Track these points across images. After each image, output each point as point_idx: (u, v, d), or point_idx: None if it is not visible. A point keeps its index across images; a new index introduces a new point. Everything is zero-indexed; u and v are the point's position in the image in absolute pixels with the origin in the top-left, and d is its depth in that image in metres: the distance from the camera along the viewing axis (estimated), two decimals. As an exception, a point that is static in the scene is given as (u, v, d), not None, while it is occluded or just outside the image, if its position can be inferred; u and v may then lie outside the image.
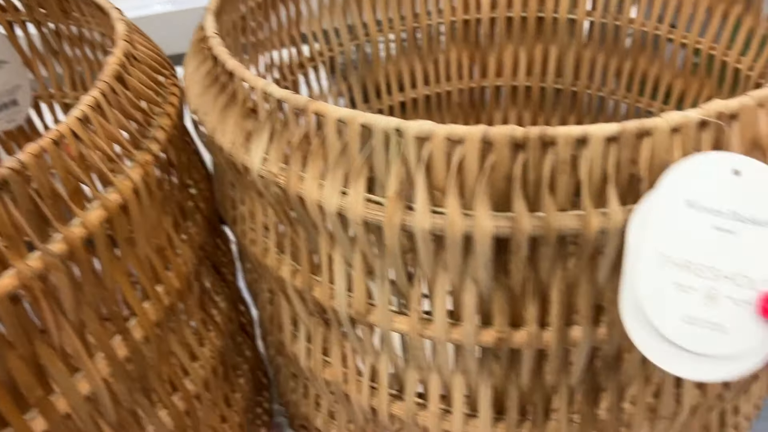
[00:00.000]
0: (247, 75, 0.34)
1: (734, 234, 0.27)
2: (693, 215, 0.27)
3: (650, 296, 0.28)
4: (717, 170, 0.27)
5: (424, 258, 0.32)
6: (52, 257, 0.30)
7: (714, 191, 0.27)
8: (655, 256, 0.28)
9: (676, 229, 0.28)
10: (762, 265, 0.27)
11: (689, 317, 0.28)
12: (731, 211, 0.27)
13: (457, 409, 0.38)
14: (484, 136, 0.28)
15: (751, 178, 0.27)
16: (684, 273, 0.28)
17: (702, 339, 0.28)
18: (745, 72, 0.53)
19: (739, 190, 0.27)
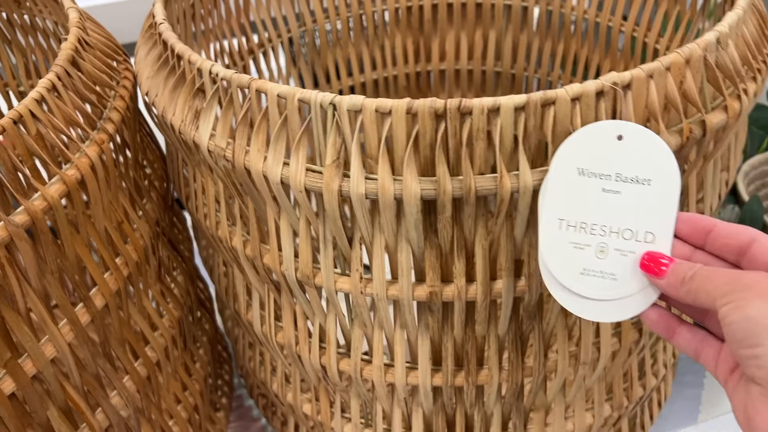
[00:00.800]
0: (194, 57, 0.37)
1: (619, 193, 0.32)
2: (584, 181, 0.32)
3: (552, 255, 0.32)
4: (603, 138, 0.31)
5: (361, 221, 0.35)
6: (16, 227, 0.32)
7: (600, 157, 0.31)
8: (554, 220, 0.32)
9: (570, 195, 0.32)
10: (642, 219, 0.32)
11: (585, 269, 0.32)
12: (616, 173, 0.31)
13: (399, 362, 0.41)
14: (409, 107, 0.32)
15: (632, 141, 0.31)
16: (579, 233, 0.32)
17: (597, 287, 0.32)
18: (663, 51, 0.57)
19: (621, 154, 0.31)
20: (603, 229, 0.32)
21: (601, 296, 0.32)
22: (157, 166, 0.48)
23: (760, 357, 0.27)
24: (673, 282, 0.30)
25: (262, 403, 0.59)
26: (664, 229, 0.32)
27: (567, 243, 0.32)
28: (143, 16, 0.61)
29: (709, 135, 0.35)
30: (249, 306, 0.47)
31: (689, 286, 0.30)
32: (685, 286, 0.30)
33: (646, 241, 0.32)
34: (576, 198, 0.32)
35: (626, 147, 0.31)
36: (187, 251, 0.52)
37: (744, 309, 0.27)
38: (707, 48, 0.34)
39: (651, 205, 0.31)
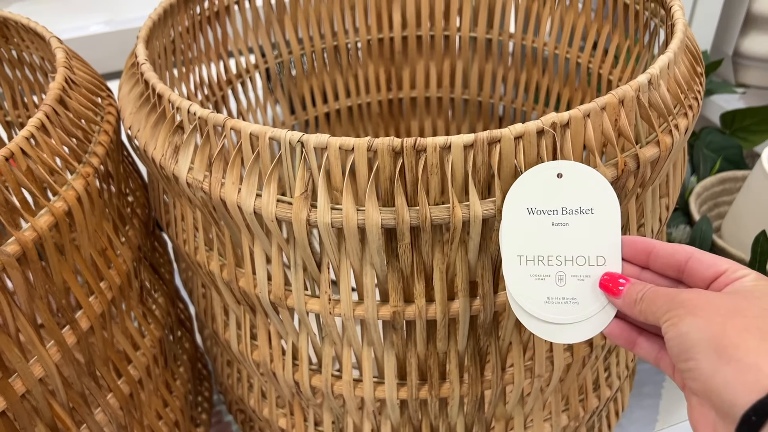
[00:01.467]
0: (174, 96, 0.40)
1: (568, 225, 0.35)
2: (534, 219, 0.35)
3: (517, 288, 0.35)
4: (545, 177, 0.35)
5: (328, 247, 0.38)
6: (8, 257, 0.35)
7: (545, 195, 0.35)
8: (513, 257, 0.35)
9: (524, 233, 0.35)
10: (592, 245, 0.35)
11: (548, 298, 0.35)
12: (561, 207, 0.35)
13: (367, 377, 0.44)
14: (369, 145, 0.35)
15: (571, 177, 0.35)
16: (537, 266, 0.35)
17: (561, 312, 0.35)
18: (616, 82, 0.62)
19: (564, 189, 0.35)
20: (558, 259, 0.35)
21: (566, 320, 0.35)
22: (139, 194, 0.51)
23: (693, 370, 0.29)
24: (627, 302, 0.33)
25: (240, 419, 0.61)
26: (612, 251, 0.35)
27: (528, 276, 0.35)
28: (126, 46, 0.64)
29: (643, 167, 0.38)
30: (226, 326, 0.49)
31: (640, 307, 0.32)
32: (637, 306, 0.33)
33: (599, 264, 0.35)
34: (529, 235, 0.35)
35: (567, 182, 0.35)
36: (167, 274, 0.55)
37: (678, 326, 0.30)
38: (640, 89, 0.38)
39: (597, 231, 0.35)
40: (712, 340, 0.28)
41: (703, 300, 0.30)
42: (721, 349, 0.28)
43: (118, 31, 0.81)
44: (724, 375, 0.28)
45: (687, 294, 0.31)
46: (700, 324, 0.29)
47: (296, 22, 0.70)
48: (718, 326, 0.29)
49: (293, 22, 0.69)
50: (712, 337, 0.29)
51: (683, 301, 0.31)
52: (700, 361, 0.29)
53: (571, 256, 0.35)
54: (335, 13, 0.71)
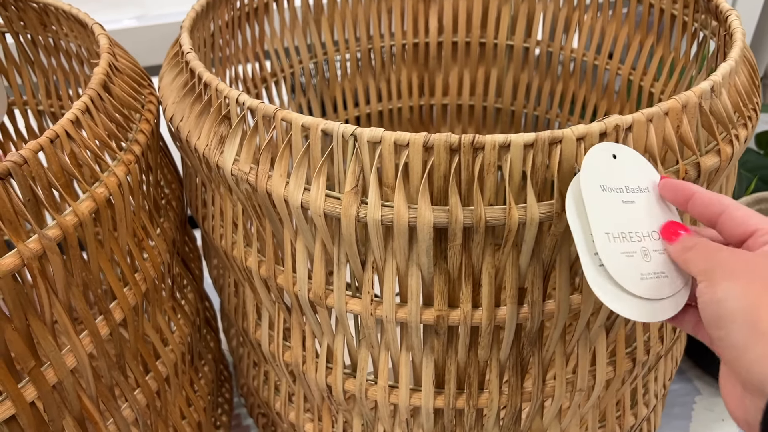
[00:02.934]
0: (222, 86, 0.39)
1: (634, 203, 0.34)
2: (607, 196, 0.33)
3: (613, 266, 0.33)
4: (603, 157, 0.33)
5: (375, 246, 0.37)
6: (49, 241, 0.34)
7: (610, 174, 0.34)
8: (602, 235, 0.33)
9: (604, 210, 0.33)
10: (658, 219, 0.34)
11: (642, 274, 0.33)
12: (624, 185, 0.34)
13: (403, 383, 0.43)
14: (425, 141, 0.34)
15: (623, 158, 0.34)
16: (624, 243, 0.33)
17: (656, 287, 0.33)
18: (658, 95, 0.60)
19: (621, 169, 0.34)
20: (638, 235, 0.34)
21: (660, 295, 0.33)
22: (174, 186, 0.50)
23: (724, 339, 0.28)
24: (678, 249, 0.32)
25: (262, 423, 0.60)
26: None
27: (620, 254, 0.33)
28: (156, 41, 0.63)
29: (703, 176, 0.37)
30: (258, 325, 0.48)
31: (686, 256, 0.31)
32: (684, 254, 0.32)
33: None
34: (609, 212, 0.33)
35: (621, 163, 0.34)
36: (197, 269, 0.54)
37: (714, 290, 0.28)
38: (702, 95, 0.37)
39: (660, 207, 0.34)
40: (748, 311, 0.27)
41: (741, 263, 0.29)
42: (756, 322, 0.26)
43: (148, 26, 0.80)
44: (756, 350, 0.26)
45: (726, 253, 0.30)
46: (737, 291, 0.28)
47: (333, 23, 0.69)
48: (755, 296, 0.27)
49: (330, 23, 0.69)
50: (748, 308, 0.27)
51: (721, 260, 0.29)
52: (732, 331, 0.27)
53: (647, 231, 0.34)
54: (372, 16, 0.70)
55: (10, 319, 0.34)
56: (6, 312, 0.34)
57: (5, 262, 0.32)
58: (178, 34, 0.48)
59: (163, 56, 0.80)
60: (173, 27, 0.81)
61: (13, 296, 0.33)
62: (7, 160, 0.33)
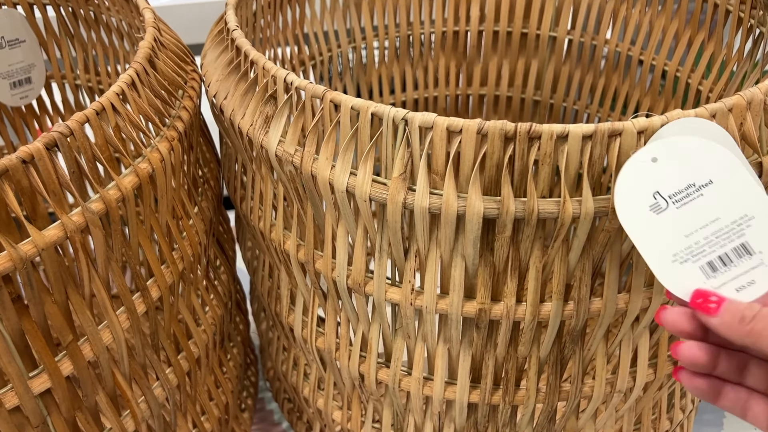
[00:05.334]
0: (269, 65, 0.38)
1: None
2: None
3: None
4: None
5: (420, 234, 0.36)
6: (92, 214, 0.33)
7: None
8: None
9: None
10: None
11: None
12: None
13: (438, 376, 0.42)
14: (480, 128, 0.33)
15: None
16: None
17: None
18: (706, 93, 0.59)
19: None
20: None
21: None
22: (213, 166, 0.49)
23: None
24: (728, 321, 0.29)
25: (287, 408, 0.59)
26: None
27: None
28: (189, 19, 0.62)
29: (765, 177, 0.36)
30: (291, 310, 0.47)
31: (752, 327, 0.28)
32: (746, 326, 0.29)
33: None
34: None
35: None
36: (230, 251, 0.54)
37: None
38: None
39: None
40: None
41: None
42: None
43: (186, 4, 0.80)
44: None
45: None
46: None
47: (373, 8, 0.68)
48: None
49: (370, 8, 0.68)
50: None
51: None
52: None
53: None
54: (413, 2, 0.69)
55: (50, 291, 0.34)
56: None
57: (49, 234, 0.32)
58: (222, 12, 0.47)
59: (199, 35, 0.79)
60: (210, 6, 0.80)
61: (55, 269, 0.33)
62: (54, 131, 0.33)
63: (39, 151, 0.32)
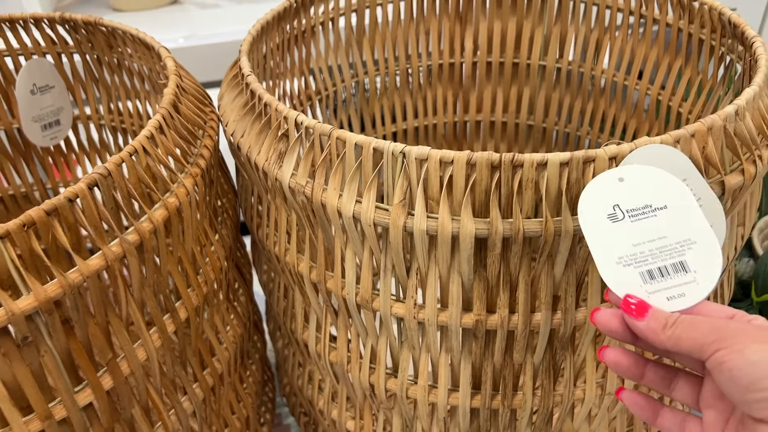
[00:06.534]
0: (281, 107, 0.43)
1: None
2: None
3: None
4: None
5: (420, 254, 0.40)
6: (129, 245, 0.38)
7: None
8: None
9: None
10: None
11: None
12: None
13: (442, 383, 0.46)
14: (468, 158, 0.37)
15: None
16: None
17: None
18: (686, 115, 0.63)
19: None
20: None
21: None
22: (230, 196, 0.54)
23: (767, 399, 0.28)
24: (653, 326, 0.32)
25: (303, 421, 0.63)
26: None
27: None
28: (199, 60, 0.67)
29: (728, 194, 0.40)
30: (305, 327, 0.52)
31: (672, 332, 0.32)
32: (667, 331, 0.32)
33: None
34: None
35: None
36: (248, 274, 0.58)
37: (744, 354, 0.29)
38: (727, 119, 0.40)
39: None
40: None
41: (752, 329, 0.30)
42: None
43: (197, 45, 0.85)
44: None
45: (737, 324, 0.31)
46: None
47: (373, 44, 0.73)
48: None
49: (371, 44, 0.73)
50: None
51: (738, 330, 0.30)
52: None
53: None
54: (410, 37, 0.74)
55: (93, 314, 0.38)
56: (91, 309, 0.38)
57: (93, 263, 0.36)
58: (236, 58, 0.52)
59: (210, 73, 0.84)
60: (220, 47, 0.85)
61: (98, 294, 0.37)
62: (94, 172, 0.37)
63: (82, 191, 0.36)
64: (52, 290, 0.34)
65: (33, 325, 0.35)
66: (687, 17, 0.60)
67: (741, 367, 0.29)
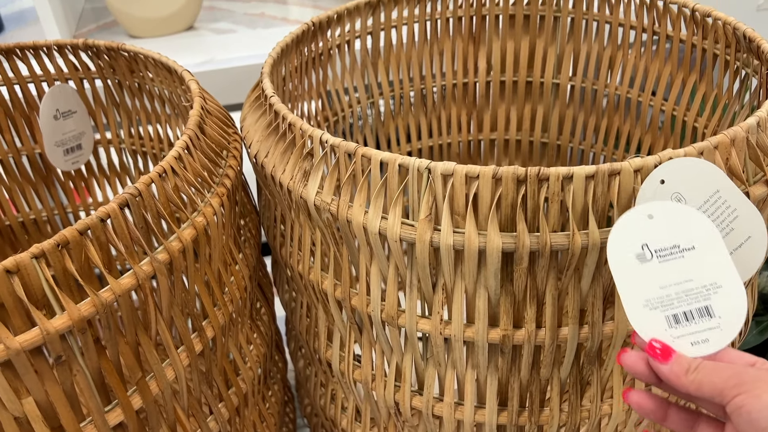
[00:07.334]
0: (306, 126, 0.44)
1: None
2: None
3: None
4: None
5: (446, 269, 0.40)
6: (159, 264, 0.38)
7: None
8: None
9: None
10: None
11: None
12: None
13: (468, 400, 0.46)
14: (494, 173, 0.38)
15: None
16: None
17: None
18: (701, 130, 0.63)
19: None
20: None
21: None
22: (253, 216, 0.54)
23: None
24: (676, 371, 0.34)
25: (325, 441, 0.63)
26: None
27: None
28: (219, 84, 0.68)
29: (752, 202, 0.40)
30: (329, 345, 0.52)
31: (694, 377, 0.33)
32: (690, 376, 0.33)
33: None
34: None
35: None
36: (269, 293, 0.58)
37: (762, 398, 0.30)
38: (749, 130, 0.40)
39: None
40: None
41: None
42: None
43: (215, 70, 0.86)
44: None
45: (758, 371, 0.32)
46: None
47: (388, 66, 0.74)
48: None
49: (386, 66, 0.74)
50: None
51: (758, 376, 0.31)
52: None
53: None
54: (425, 58, 0.75)
55: (123, 333, 0.38)
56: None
57: (124, 282, 0.37)
58: (258, 80, 0.53)
59: (227, 97, 0.86)
60: (235, 71, 0.86)
61: (129, 313, 0.37)
62: (125, 192, 0.38)
63: (114, 210, 0.37)
64: (85, 309, 0.35)
65: (66, 345, 0.35)
66: (701, 33, 0.61)
67: (759, 410, 0.30)
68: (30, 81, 0.64)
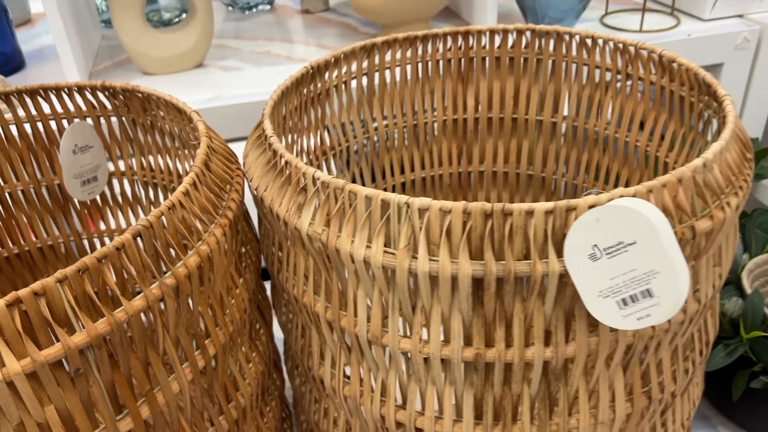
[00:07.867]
0: (300, 164, 0.49)
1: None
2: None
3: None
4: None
5: (424, 293, 0.45)
6: (167, 288, 0.43)
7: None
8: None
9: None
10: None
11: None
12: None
13: (447, 414, 0.50)
14: (464, 208, 0.42)
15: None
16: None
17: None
18: (672, 164, 0.68)
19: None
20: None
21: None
22: (253, 244, 0.59)
23: None
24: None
25: (319, 456, 0.67)
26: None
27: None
28: (223, 120, 0.74)
29: (699, 237, 0.45)
30: (321, 363, 0.56)
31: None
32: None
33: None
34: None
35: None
36: (268, 315, 0.63)
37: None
38: (696, 170, 0.45)
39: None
40: None
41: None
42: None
43: (222, 106, 0.92)
44: None
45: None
46: None
47: (383, 103, 0.79)
48: None
49: (380, 103, 0.79)
50: None
51: None
52: None
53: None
54: (417, 96, 0.80)
55: (134, 349, 0.43)
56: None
57: (136, 303, 0.41)
58: (259, 120, 0.58)
59: (234, 131, 0.91)
60: (242, 107, 0.92)
61: (140, 331, 0.42)
62: (138, 224, 0.43)
63: (128, 240, 0.42)
64: (102, 327, 0.39)
65: (84, 359, 0.40)
66: (668, 76, 0.66)
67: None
68: (51, 118, 0.69)
